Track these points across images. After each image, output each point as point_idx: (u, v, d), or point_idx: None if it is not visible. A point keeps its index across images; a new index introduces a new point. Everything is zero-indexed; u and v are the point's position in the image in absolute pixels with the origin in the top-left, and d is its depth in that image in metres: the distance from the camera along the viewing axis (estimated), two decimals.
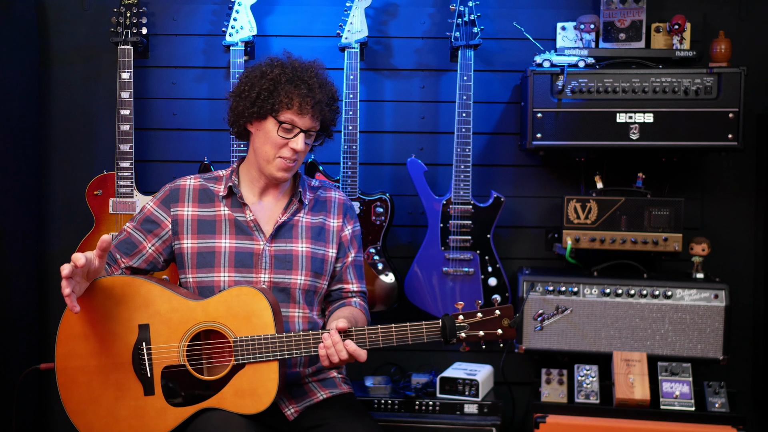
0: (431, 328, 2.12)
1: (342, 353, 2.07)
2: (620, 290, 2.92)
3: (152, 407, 2.10)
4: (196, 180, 2.36)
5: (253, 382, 2.08)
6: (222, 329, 2.10)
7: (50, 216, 3.35)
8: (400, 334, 2.12)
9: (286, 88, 2.21)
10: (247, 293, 2.11)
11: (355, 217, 2.46)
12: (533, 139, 2.97)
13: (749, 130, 3.13)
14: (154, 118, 3.32)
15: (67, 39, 3.32)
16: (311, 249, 2.33)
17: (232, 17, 3.08)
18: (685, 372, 2.86)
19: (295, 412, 2.23)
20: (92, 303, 2.12)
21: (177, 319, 2.12)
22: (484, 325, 2.11)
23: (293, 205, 2.34)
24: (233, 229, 2.29)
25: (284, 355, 2.08)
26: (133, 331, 2.12)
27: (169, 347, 2.11)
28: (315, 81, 2.24)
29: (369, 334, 2.11)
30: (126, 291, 2.13)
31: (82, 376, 2.12)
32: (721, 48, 2.96)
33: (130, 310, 2.13)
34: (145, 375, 2.11)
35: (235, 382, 2.09)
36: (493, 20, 3.25)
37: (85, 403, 2.12)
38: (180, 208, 2.31)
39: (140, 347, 2.12)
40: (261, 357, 2.08)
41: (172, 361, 2.11)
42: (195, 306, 2.13)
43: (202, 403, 2.09)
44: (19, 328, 3.14)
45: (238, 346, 2.08)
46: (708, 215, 3.26)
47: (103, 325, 2.12)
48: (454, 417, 2.88)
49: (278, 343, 2.08)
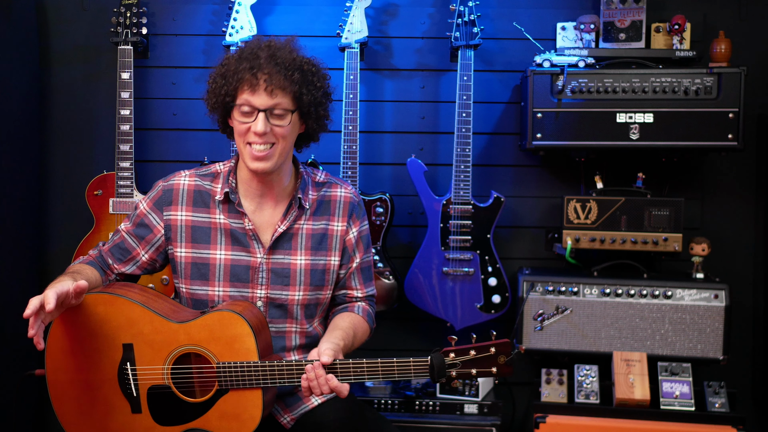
0: (419, 366, 2.00)
1: (324, 387, 1.99)
2: (620, 290, 2.92)
3: (141, 425, 2.09)
4: (191, 178, 2.23)
5: (237, 406, 2.06)
6: (205, 353, 2.07)
7: (50, 216, 3.35)
8: (386, 370, 2.01)
9: (234, 67, 2.09)
10: (229, 318, 2.07)
11: (362, 216, 2.31)
12: (533, 139, 2.97)
13: (749, 130, 3.13)
14: (154, 118, 3.32)
15: (67, 39, 3.32)
16: (311, 261, 2.22)
17: (232, 17, 3.08)
18: (685, 372, 2.86)
19: (291, 420, 2.19)
20: (77, 318, 2.09)
21: (160, 340, 2.08)
22: (478, 363, 1.98)
23: (293, 210, 2.21)
24: (229, 240, 2.20)
25: (267, 383, 2.05)
26: (118, 349, 2.09)
27: (153, 369, 2.09)
28: (264, 52, 2.07)
29: (354, 368, 2.01)
30: (108, 309, 2.09)
31: (72, 390, 2.11)
32: (721, 48, 2.96)
33: (113, 328, 2.09)
34: (131, 394, 2.08)
35: (219, 406, 2.06)
36: (493, 20, 3.25)
37: (77, 416, 2.11)
38: (173, 212, 2.21)
39: (125, 367, 2.08)
40: (244, 384, 2.04)
41: (157, 381, 2.08)
42: (177, 328, 2.08)
43: (189, 424, 2.08)
44: (19, 329, 3.14)
45: (221, 371, 2.04)
46: (708, 215, 3.26)
47: (88, 342, 2.09)
48: (454, 417, 2.88)
49: (260, 370, 2.03)
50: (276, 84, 2.06)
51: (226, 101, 2.12)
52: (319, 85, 2.15)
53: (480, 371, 1.98)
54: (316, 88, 2.14)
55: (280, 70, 2.06)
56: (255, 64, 2.06)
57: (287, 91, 2.08)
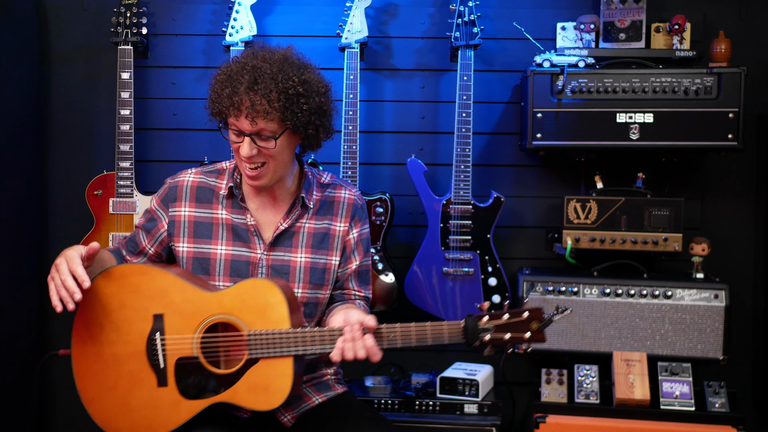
0: (453, 329, 2.00)
1: (360, 350, 1.98)
2: (620, 290, 2.92)
3: (165, 399, 2.06)
4: (196, 175, 2.25)
5: (267, 377, 2.03)
6: (236, 322, 2.06)
7: (50, 216, 3.35)
8: (419, 334, 2.00)
9: (219, 89, 2.07)
10: (262, 285, 2.07)
11: (364, 218, 2.31)
12: (533, 139, 2.97)
13: (749, 130, 3.13)
14: (154, 118, 3.32)
15: (67, 39, 3.32)
16: (311, 259, 2.23)
17: (232, 17, 3.09)
18: (685, 372, 2.86)
19: (292, 418, 2.20)
20: (107, 290, 2.09)
21: (191, 310, 2.08)
22: (511, 327, 1.96)
23: (296, 210, 2.22)
24: (230, 235, 2.21)
25: (299, 351, 2.02)
26: (148, 320, 2.08)
27: (183, 338, 2.07)
28: (247, 76, 2.02)
29: (387, 332, 2.01)
30: (141, 279, 2.10)
31: (97, 364, 2.09)
32: (721, 48, 2.96)
33: (144, 299, 2.09)
34: (158, 366, 2.07)
35: (248, 377, 2.04)
36: (493, 20, 3.25)
37: (100, 391, 2.09)
38: (177, 208, 2.23)
39: (154, 337, 2.08)
40: (275, 352, 2.02)
41: (185, 352, 2.07)
42: (210, 297, 2.09)
43: (215, 397, 2.05)
44: (19, 329, 3.14)
45: (251, 341, 2.03)
46: (708, 215, 3.26)
47: (117, 313, 2.09)
48: (454, 417, 2.88)
49: (293, 338, 2.01)
50: (257, 112, 2.02)
51: (217, 120, 2.14)
52: (306, 108, 2.07)
53: (513, 336, 1.96)
54: (302, 111, 2.06)
55: (262, 98, 2.02)
56: (236, 90, 2.03)
57: (270, 118, 2.04)
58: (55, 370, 3.34)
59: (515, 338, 1.96)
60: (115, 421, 2.09)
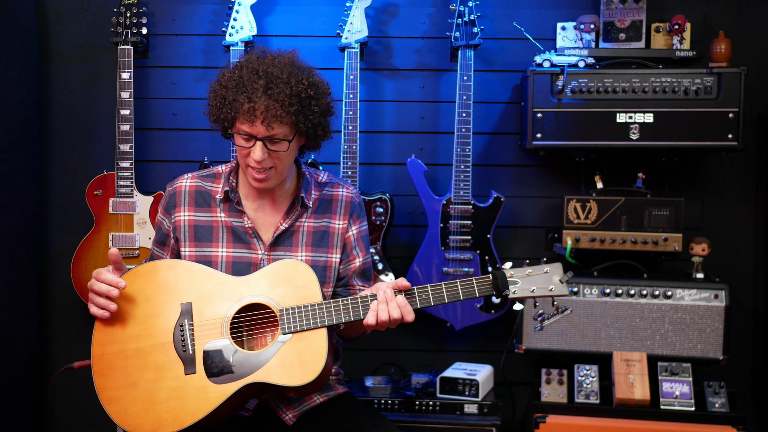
0: (482, 282, 2.05)
1: (394, 311, 2.02)
2: (620, 290, 2.92)
3: (193, 386, 2.03)
4: (193, 180, 2.26)
5: (301, 351, 2.02)
6: (267, 302, 2.06)
7: (50, 216, 3.35)
8: (451, 291, 2.05)
9: (232, 94, 2.06)
10: (291, 264, 2.10)
11: (362, 216, 2.32)
12: (533, 139, 2.97)
13: (749, 130, 3.13)
14: (154, 118, 3.32)
15: (67, 39, 3.32)
16: (312, 258, 2.23)
17: (232, 17, 3.08)
18: (685, 372, 2.86)
19: (293, 417, 2.20)
20: (133, 287, 2.08)
21: (220, 295, 2.08)
22: (535, 281, 2.04)
23: (295, 210, 2.23)
24: (230, 237, 2.22)
25: (332, 321, 2.03)
26: (175, 310, 2.08)
27: (212, 322, 2.06)
28: (262, 81, 2.04)
29: (419, 291, 2.06)
30: (169, 274, 2.11)
31: (119, 361, 2.06)
32: (721, 48, 2.96)
33: (172, 291, 2.09)
34: (187, 352, 2.05)
35: (281, 354, 2.02)
36: (493, 20, 3.25)
37: (121, 389, 2.05)
38: (178, 213, 2.24)
39: (182, 324, 2.07)
40: (308, 325, 2.03)
41: (214, 337, 2.06)
42: (238, 282, 2.10)
43: (246, 378, 2.03)
44: (19, 329, 3.14)
45: (284, 316, 2.04)
46: (708, 215, 3.26)
47: (143, 308, 2.08)
48: (454, 417, 2.88)
49: (325, 309, 2.03)
50: (273, 117, 2.04)
51: (225, 125, 2.14)
52: (317, 110, 2.11)
53: (539, 288, 2.03)
54: (314, 114, 2.10)
55: (277, 102, 2.03)
56: (252, 96, 2.03)
57: (284, 122, 2.06)
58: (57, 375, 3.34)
59: (540, 290, 2.04)
60: (137, 417, 2.03)
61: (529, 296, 2.05)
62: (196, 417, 2.02)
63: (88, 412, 3.27)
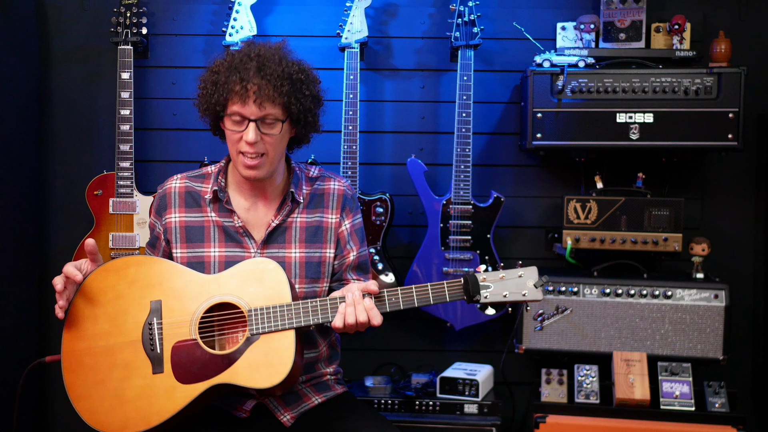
0: (453, 287, 2.03)
1: (361, 314, 2.00)
2: (620, 290, 2.92)
3: (160, 386, 2.02)
4: (182, 180, 2.26)
5: (268, 353, 2.01)
6: (236, 302, 2.05)
7: (50, 216, 3.35)
8: (421, 295, 2.03)
9: (224, 77, 2.09)
10: (261, 263, 2.08)
11: (356, 209, 2.31)
12: (533, 139, 2.97)
13: (749, 130, 3.13)
14: (154, 118, 3.32)
15: (67, 39, 3.32)
16: (305, 254, 2.23)
17: (232, 17, 3.08)
18: (685, 372, 2.86)
19: (291, 418, 2.19)
20: (103, 283, 2.08)
21: (190, 293, 2.06)
22: (508, 285, 2.02)
23: (286, 206, 2.22)
24: (222, 236, 2.21)
25: (300, 323, 2.02)
26: (145, 307, 2.06)
27: (180, 322, 2.05)
28: (254, 63, 2.07)
29: (388, 295, 2.04)
30: (139, 270, 2.09)
31: (88, 358, 2.05)
32: (721, 48, 2.96)
33: (142, 287, 2.07)
34: (155, 352, 2.04)
35: (248, 355, 2.01)
36: (493, 20, 3.25)
37: (90, 386, 2.04)
38: (169, 215, 2.23)
39: (151, 323, 2.05)
40: (276, 326, 2.01)
41: (183, 336, 2.04)
42: (209, 280, 2.08)
43: (213, 379, 2.02)
44: (20, 329, 3.14)
45: (252, 317, 2.02)
46: (708, 215, 3.26)
47: (113, 305, 2.07)
48: (454, 417, 2.88)
49: (294, 310, 2.02)
50: (265, 96, 2.06)
51: (217, 110, 2.13)
52: (308, 93, 2.15)
53: (511, 293, 2.01)
54: (305, 97, 2.14)
55: (269, 82, 2.06)
56: (245, 75, 2.06)
57: (276, 103, 2.09)
58: (56, 371, 3.33)
59: (513, 295, 2.01)
60: (105, 415, 2.03)
61: (501, 301, 2.03)
62: (163, 417, 2.01)
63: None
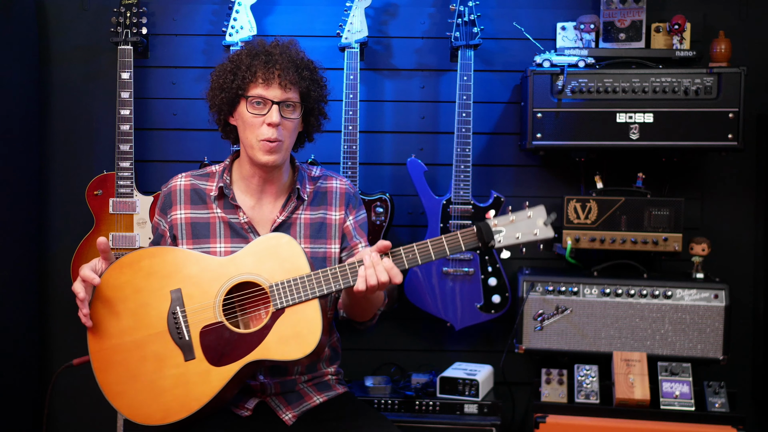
0: (467, 235, 2.04)
1: (382, 274, 2.01)
2: (620, 290, 2.92)
3: (195, 372, 2.04)
4: (187, 179, 2.29)
5: (296, 325, 2.03)
6: (256, 279, 2.07)
7: (50, 216, 3.35)
8: (437, 247, 2.05)
9: (246, 62, 2.17)
10: (275, 238, 2.10)
11: (359, 205, 2.36)
12: (533, 139, 2.97)
13: (749, 130, 3.13)
14: (154, 118, 3.32)
15: (67, 39, 3.32)
16: (310, 249, 2.25)
17: (232, 17, 3.08)
18: (685, 372, 2.86)
19: (293, 417, 2.20)
20: (119, 280, 2.08)
21: (208, 278, 2.08)
22: (519, 227, 2.04)
23: (291, 202, 2.26)
24: (228, 232, 2.23)
25: (323, 291, 2.04)
26: (166, 298, 2.08)
27: (204, 306, 2.06)
28: (277, 50, 2.18)
29: (405, 251, 2.05)
30: (153, 261, 2.10)
31: (117, 355, 2.06)
32: (721, 48, 2.96)
33: (159, 278, 2.09)
34: (183, 339, 2.05)
35: (277, 329, 2.03)
36: (493, 20, 3.25)
37: (125, 383, 2.06)
38: (174, 212, 2.25)
39: (174, 312, 2.07)
40: (300, 298, 2.03)
41: (209, 320, 2.06)
42: (225, 262, 2.10)
43: (247, 357, 2.03)
44: (19, 329, 3.14)
45: (274, 292, 2.04)
46: (708, 215, 3.26)
47: (133, 299, 2.08)
48: (454, 417, 2.88)
49: (315, 280, 2.04)
50: (289, 79, 2.15)
51: (238, 94, 2.18)
52: (322, 84, 2.27)
53: (523, 234, 2.04)
54: (320, 87, 2.26)
55: (292, 66, 2.16)
56: (270, 59, 2.15)
57: (297, 87, 2.18)
58: (55, 371, 3.34)
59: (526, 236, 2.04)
60: (146, 408, 2.05)
61: (515, 243, 2.05)
62: (202, 401, 2.03)
63: (87, 410, 3.27)
